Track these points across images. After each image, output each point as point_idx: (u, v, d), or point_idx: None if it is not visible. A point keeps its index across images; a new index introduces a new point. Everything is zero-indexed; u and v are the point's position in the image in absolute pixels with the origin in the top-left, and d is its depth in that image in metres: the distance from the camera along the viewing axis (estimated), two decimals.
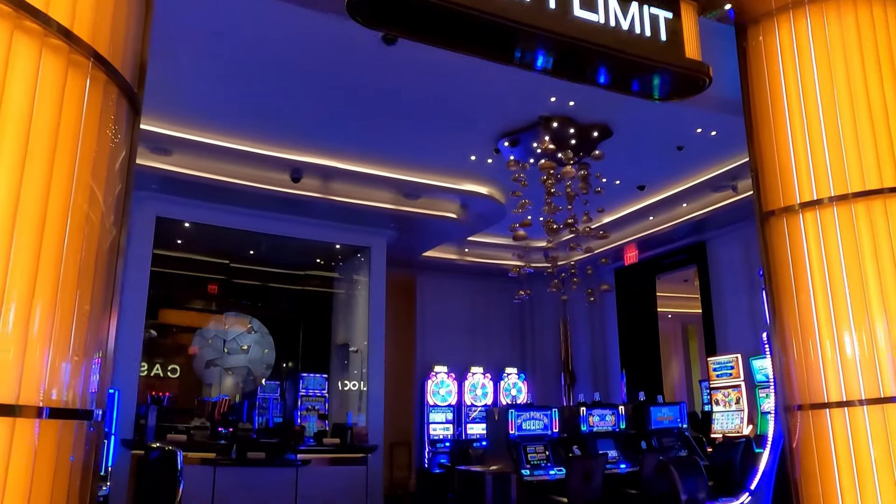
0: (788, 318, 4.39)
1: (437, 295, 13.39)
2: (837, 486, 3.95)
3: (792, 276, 4.36)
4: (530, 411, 7.64)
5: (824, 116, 4.27)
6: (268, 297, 13.29)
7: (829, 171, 4.19)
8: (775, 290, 4.57)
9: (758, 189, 4.61)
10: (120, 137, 3.06)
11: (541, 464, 7.46)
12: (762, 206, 4.57)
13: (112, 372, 2.94)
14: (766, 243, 4.60)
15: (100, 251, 2.78)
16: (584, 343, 13.75)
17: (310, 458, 9.30)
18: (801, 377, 4.25)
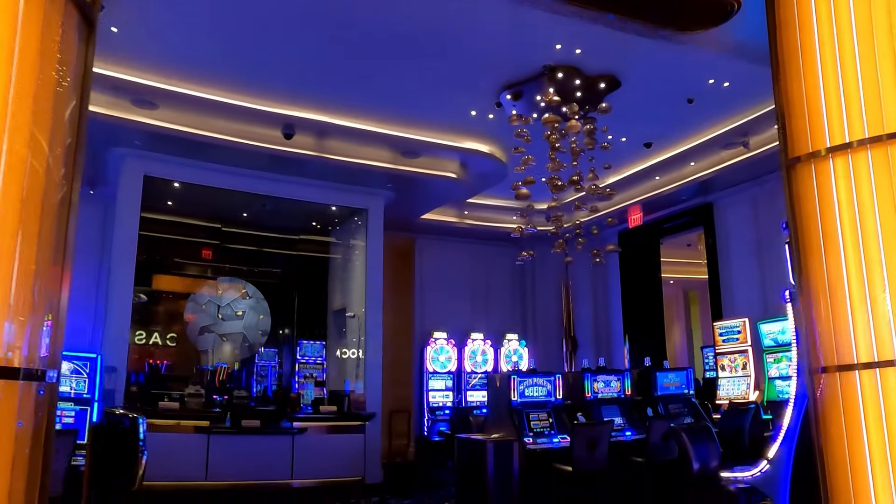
0: (815, 273, 4.04)
1: (436, 259, 13.05)
2: (866, 452, 3.63)
3: (820, 227, 4.00)
4: (533, 377, 7.35)
5: (859, 49, 3.86)
6: (263, 261, 12.98)
7: (863, 111, 3.80)
8: (801, 243, 4.22)
9: (783, 134, 4.23)
10: (70, 62, 2.66)
11: (544, 431, 7.19)
12: (787, 152, 4.19)
13: (63, 334, 2.60)
14: (792, 193, 4.24)
15: (46, 206, 2.43)
16: (587, 308, 13.46)
17: (306, 426, 9.05)
18: (827, 337, 3.92)
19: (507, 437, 7.01)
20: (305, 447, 8.97)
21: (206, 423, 8.60)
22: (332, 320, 11.95)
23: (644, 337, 12.64)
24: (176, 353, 11.87)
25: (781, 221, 4.55)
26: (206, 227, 12.20)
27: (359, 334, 10.14)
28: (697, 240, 15.99)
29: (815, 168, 4.03)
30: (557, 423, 7.33)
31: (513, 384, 7.22)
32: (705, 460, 5.19)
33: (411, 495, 8.44)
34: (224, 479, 8.46)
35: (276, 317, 12.44)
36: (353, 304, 10.70)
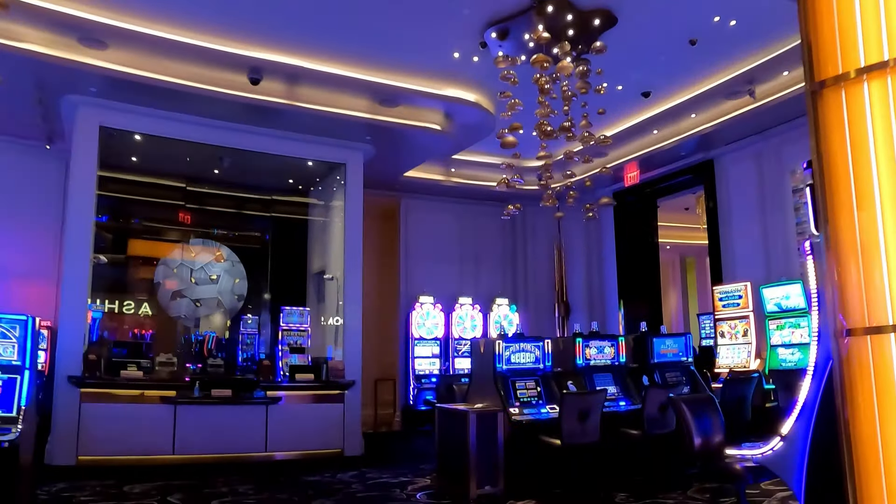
0: (843, 220, 3.41)
1: (422, 220, 12.42)
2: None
3: (850, 164, 3.37)
4: (520, 342, 6.79)
5: None
6: (241, 224, 12.35)
7: None
8: (827, 184, 3.57)
9: (808, 56, 3.57)
10: None
11: (531, 401, 6.66)
12: (813, 76, 3.54)
13: None
14: (817, 125, 3.58)
15: None
16: (580, 273, 12.90)
17: (280, 396, 8.52)
18: (856, 294, 3.32)
19: (490, 406, 6.48)
20: (280, 418, 8.46)
21: (173, 392, 8.05)
22: (312, 284, 11.37)
23: (640, 302, 12.11)
24: (164, 322, 11.27)
25: (802, 161, 3.94)
26: (180, 189, 11.55)
27: (338, 298, 9.56)
28: (696, 203, 15.41)
29: (845, 93, 3.37)
30: (546, 393, 6.80)
31: (498, 350, 6.66)
32: (708, 434, 4.65)
33: (391, 468, 7.94)
34: (192, 453, 7.95)
35: (253, 281, 11.84)
36: (332, 266, 10.09)
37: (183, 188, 11.56)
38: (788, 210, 9.48)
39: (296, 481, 7.16)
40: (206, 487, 6.72)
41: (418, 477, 7.38)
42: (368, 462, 8.43)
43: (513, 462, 6.33)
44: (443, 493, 6.47)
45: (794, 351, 8.83)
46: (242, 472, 7.54)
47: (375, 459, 8.66)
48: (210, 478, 7.20)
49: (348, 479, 7.27)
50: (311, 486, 6.94)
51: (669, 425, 6.51)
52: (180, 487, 6.67)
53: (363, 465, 8.19)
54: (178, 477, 7.17)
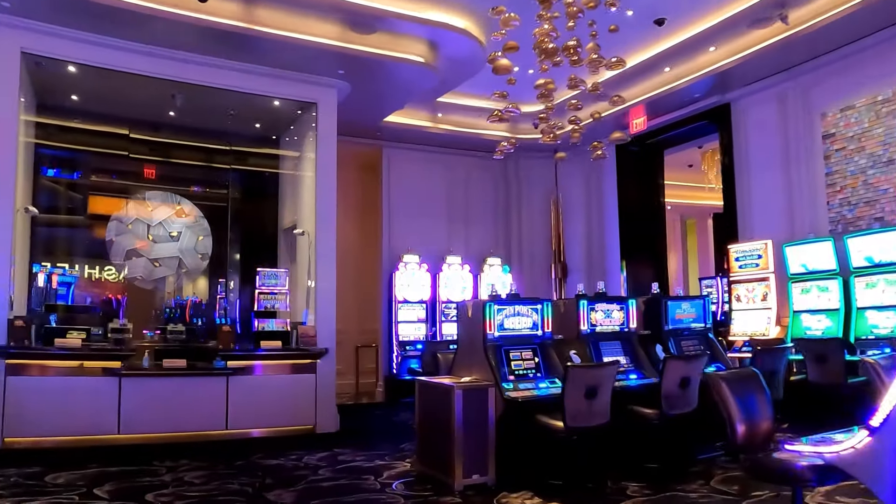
0: None
1: (406, 171, 11.30)
2: None
3: None
4: (515, 305, 5.77)
5: None
6: (203, 177, 11.19)
7: None
8: None
9: None
10: None
11: (528, 374, 5.66)
12: None
13: None
14: None
15: None
16: (579, 231, 11.85)
17: (243, 366, 7.51)
18: None
19: (480, 381, 5.49)
20: (243, 391, 7.47)
21: (118, 363, 7.02)
22: (284, 241, 10.29)
23: (644, 263, 11.12)
24: (133, 287, 10.20)
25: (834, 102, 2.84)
26: (137, 140, 10.35)
27: (310, 256, 8.48)
28: (701, 159, 14.35)
29: None
30: (545, 365, 5.80)
31: (489, 314, 5.63)
32: (754, 421, 3.66)
33: (368, 448, 6.99)
34: (140, 432, 6.98)
35: (220, 241, 10.73)
36: (304, 220, 8.99)
37: (141, 138, 10.38)
38: (817, 159, 8.42)
39: (254, 466, 6.18)
40: (147, 476, 5.72)
41: (397, 460, 6.42)
42: (343, 440, 7.47)
43: (506, 447, 5.37)
44: (423, 482, 5.51)
45: (821, 318, 7.87)
46: (197, 453, 6.55)
47: (351, 437, 7.71)
48: (157, 462, 6.21)
49: (316, 463, 6.30)
50: (271, 471, 5.97)
51: (690, 403, 5.55)
52: (116, 475, 5.68)
53: (336, 443, 7.23)
54: (120, 461, 6.18)
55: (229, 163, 11.12)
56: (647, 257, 11.12)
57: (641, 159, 11.35)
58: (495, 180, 12.02)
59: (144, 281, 9.84)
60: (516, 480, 5.32)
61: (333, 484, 5.52)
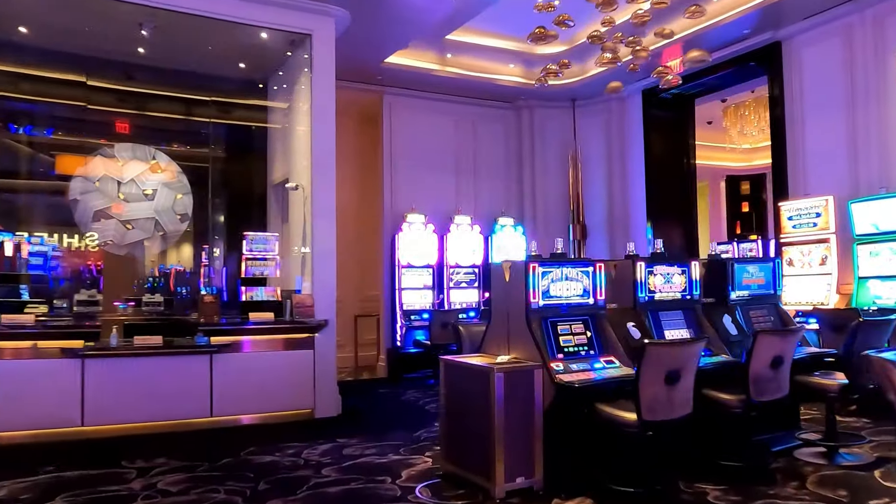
0: None
1: (409, 121, 10.09)
2: None
3: None
4: (562, 267, 4.70)
5: None
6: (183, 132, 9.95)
7: None
8: None
9: None
10: None
11: (579, 351, 4.62)
12: None
13: None
14: None
15: None
16: (599, 188, 10.75)
17: (229, 342, 6.42)
18: None
19: (522, 360, 4.44)
20: (230, 371, 6.41)
21: (80, 342, 5.90)
22: (274, 198, 9.12)
23: (672, 224, 10.06)
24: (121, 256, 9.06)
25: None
26: (103, 89, 9.09)
27: (305, 215, 7.34)
28: (723, 115, 13.24)
29: None
30: (599, 340, 4.74)
31: (533, 279, 4.55)
32: None
33: (376, 436, 5.96)
34: (109, 423, 5.90)
35: (202, 202, 9.53)
36: (297, 174, 7.82)
37: (104, 87, 9.12)
38: (891, 103, 7.32)
39: (245, 464, 5.12)
40: (113, 482, 4.65)
41: (414, 453, 5.39)
42: (346, 427, 6.43)
43: (556, 443, 4.34)
44: (453, 486, 4.48)
45: (894, 285, 6.86)
46: (176, 448, 5.49)
47: (356, 423, 6.68)
48: (126, 462, 5.14)
49: (318, 459, 5.25)
50: (265, 471, 4.92)
51: (782, 388, 4.54)
52: (74, 483, 4.61)
53: (340, 431, 6.18)
54: (82, 463, 5.11)
55: (211, 116, 9.89)
56: (677, 218, 10.07)
57: (672, 108, 10.22)
58: (507, 132, 10.85)
59: (116, 246, 8.65)
60: (569, 484, 4.32)
61: (343, 490, 4.48)
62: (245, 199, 9.92)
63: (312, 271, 7.03)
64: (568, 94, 10.46)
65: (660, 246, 5.42)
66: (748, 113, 13.56)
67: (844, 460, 4.87)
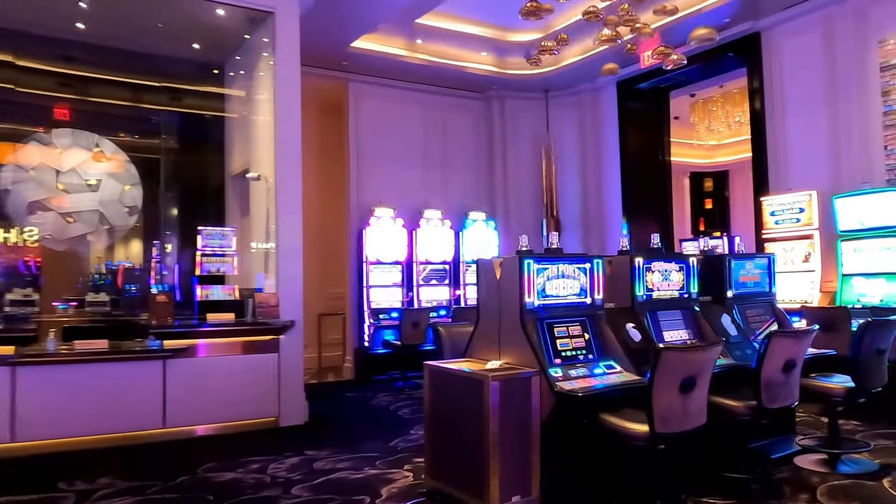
0: None
1: (377, 110, 9.59)
2: None
3: None
4: (559, 263, 4.31)
5: None
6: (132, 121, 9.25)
7: None
8: None
9: None
10: None
11: (577, 356, 4.23)
12: None
13: None
14: None
15: None
16: (574, 183, 10.43)
17: (184, 346, 5.83)
18: None
19: (516, 366, 4.03)
20: (185, 378, 5.82)
21: (10, 349, 5.24)
22: (233, 190, 8.51)
23: (647, 220, 9.80)
24: (66, 253, 8.29)
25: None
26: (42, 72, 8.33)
27: (267, 207, 6.78)
28: (690, 111, 13.14)
29: None
30: (598, 343, 4.36)
31: (527, 275, 4.14)
32: None
33: (349, 445, 5.48)
34: (45, 437, 5.26)
35: (153, 195, 8.83)
36: (259, 164, 7.25)
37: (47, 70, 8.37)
38: (872, 95, 7.16)
39: (203, 484, 4.58)
40: None
41: (393, 467, 4.93)
42: (315, 436, 5.94)
43: (555, 456, 3.95)
44: None
45: (878, 282, 6.70)
46: (123, 465, 4.90)
47: (325, 431, 6.19)
48: (64, 483, 4.54)
49: (286, 475, 4.73)
50: (226, 491, 4.38)
51: (793, 393, 4.23)
52: None
53: (308, 441, 5.68)
54: (12, 485, 4.51)
55: (162, 103, 9.20)
56: (652, 214, 9.83)
57: (648, 100, 9.97)
58: (477, 123, 10.44)
59: (55, 241, 7.91)
60: (569, 501, 3.92)
61: None
62: (200, 192, 9.28)
63: (277, 268, 6.49)
64: (541, 84, 10.11)
65: (656, 241, 5.07)
66: (716, 108, 13.49)
67: (849, 468, 4.61)
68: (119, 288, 8.90)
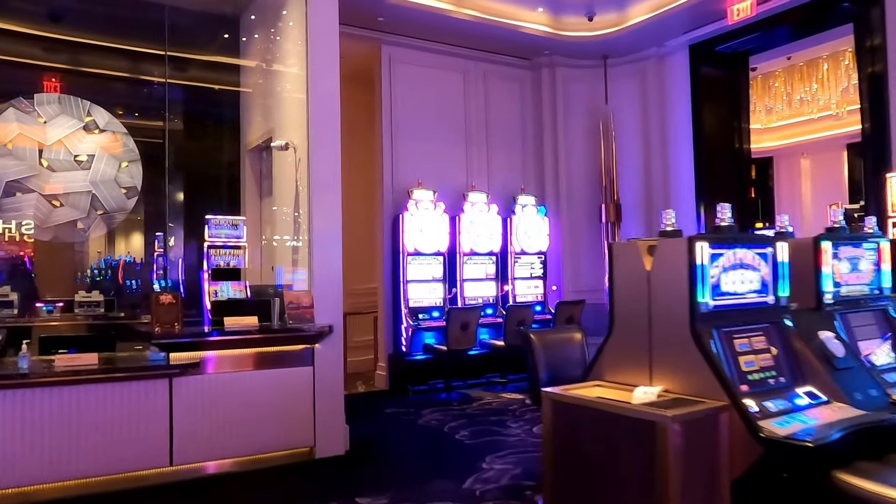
0: None
1: (414, 78, 8.25)
2: None
3: None
4: (736, 248, 3.02)
5: None
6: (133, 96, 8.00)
7: None
8: None
9: None
10: None
11: (767, 379, 2.95)
12: None
13: None
14: None
15: None
16: (636, 162, 9.08)
17: (195, 360, 4.53)
18: None
19: (689, 397, 2.73)
20: (197, 401, 4.52)
21: None
22: (250, 168, 7.20)
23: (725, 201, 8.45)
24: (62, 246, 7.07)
25: None
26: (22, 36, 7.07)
27: (297, 183, 5.47)
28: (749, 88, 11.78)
29: None
30: (791, 361, 3.07)
31: (702, 264, 2.85)
32: None
33: (407, 484, 4.20)
34: (19, 483, 3.96)
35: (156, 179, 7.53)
36: (285, 133, 5.93)
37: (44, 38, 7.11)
38: None
39: None
40: None
41: None
42: (361, 471, 4.66)
43: None
44: None
45: None
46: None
47: (372, 464, 4.91)
48: None
49: None
50: None
51: None
52: None
53: (353, 479, 4.40)
54: None
55: (172, 76, 7.90)
56: (732, 198, 8.45)
57: (726, 66, 8.64)
58: (524, 94, 9.11)
59: (38, 228, 6.61)
60: None
61: None
62: (209, 175, 8.04)
63: (311, 259, 5.18)
64: (599, 49, 8.78)
65: (837, 217, 3.75)
66: (778, 84, 12.18)
67: None
68: (120, 285, 7.76)
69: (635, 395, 2.87)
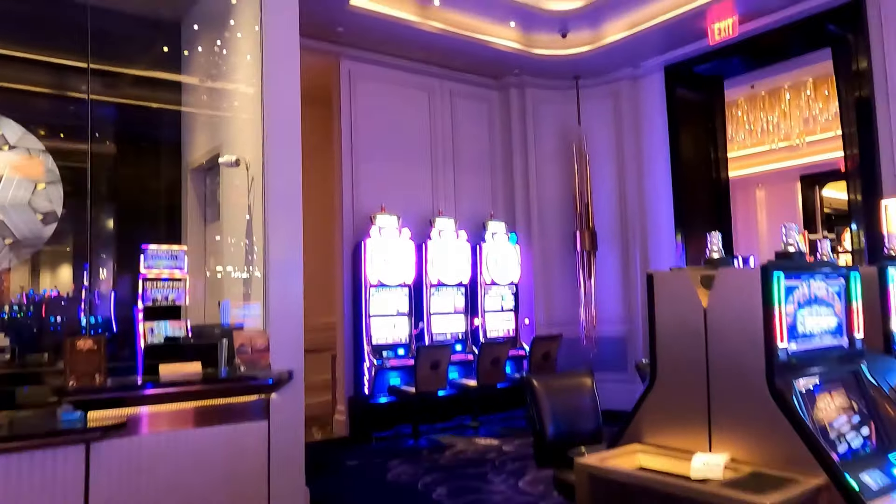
0: None
1: (375, 96, 7.62)
2: None
3: None
4: (811, 279, 2.44)
5: None
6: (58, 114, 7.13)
7: None
8: None
9: None
10: None
11: (853, 445, 2.36)
12: None
13: None
14: None
15: None
16: (609, 187, 8.62)
17: (121, 419, 3.67)
18: None
19: (789, 478, 2.10)
20: (121, 473, 3.65)
21: None
22: (192, 191, 6.38)
23: (703, 233, 8.04)
24: None
25: None
26: None
27: (250, 204, 4.71)
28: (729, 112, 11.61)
29: None
30: (874, 416, 2.49)
31: (778, 300, 2.25)
32: None
33: None
34: None
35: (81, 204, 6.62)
36: (236, 147, 5.17)
37: None
38: None
39: None
40: None
41: None
42: None
43: None
44: None
45: None
46: None
47: None
48: None
49: None
50: None
51: None
52: None
53: None
54: None
55: (103, 92, 7.06)
56: (711, 225, 8.09)
57: (702, 88, 8.32)
58: (492, 115, 8.60)
59: None
60: None
61: None
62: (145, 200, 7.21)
63: (266, 292, 4.41)
64: (571, 69, 8.35)
65: (892, 243, 3.24)
66: (741, 113, 12.04)
67: None
68: (43, 322, 6.87)
69: (694, 465, 2.24)
